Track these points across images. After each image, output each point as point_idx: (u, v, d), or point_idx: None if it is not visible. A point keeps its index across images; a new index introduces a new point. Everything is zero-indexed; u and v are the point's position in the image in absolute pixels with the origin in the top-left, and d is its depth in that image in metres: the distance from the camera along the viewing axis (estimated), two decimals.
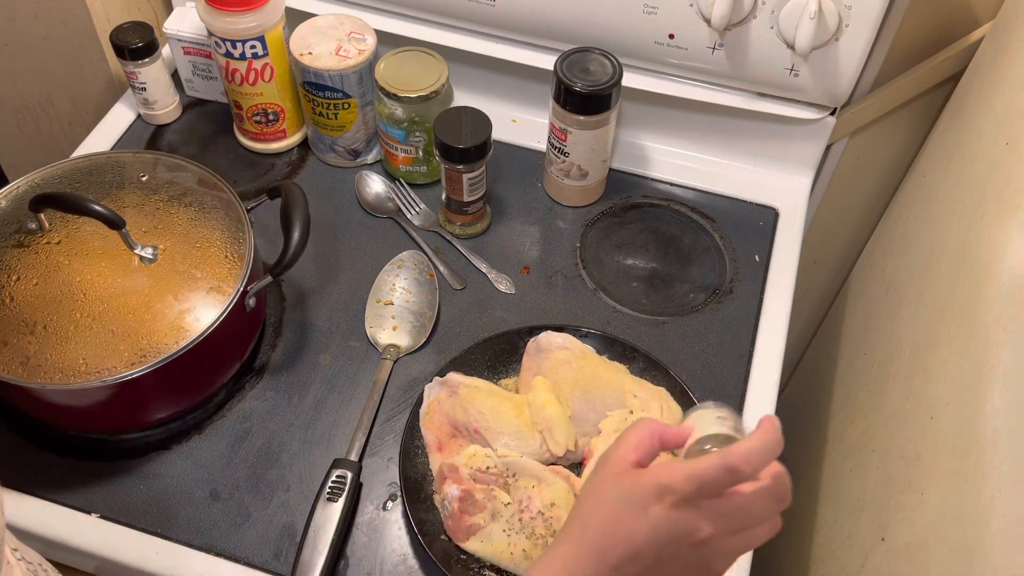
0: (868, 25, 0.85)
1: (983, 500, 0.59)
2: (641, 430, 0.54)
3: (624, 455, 0.52)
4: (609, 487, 0.52)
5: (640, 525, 0.49)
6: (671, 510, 0.49)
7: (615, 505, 0.51)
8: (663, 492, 0.49)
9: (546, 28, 0.96)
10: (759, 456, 0.49)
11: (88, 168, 0.83)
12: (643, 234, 0.97)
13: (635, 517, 0.50)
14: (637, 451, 0.53)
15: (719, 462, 0.48)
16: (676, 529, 0.49)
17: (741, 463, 0.48)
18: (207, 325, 0.74)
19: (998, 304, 0.66)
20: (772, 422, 0.50)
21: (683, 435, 0.54)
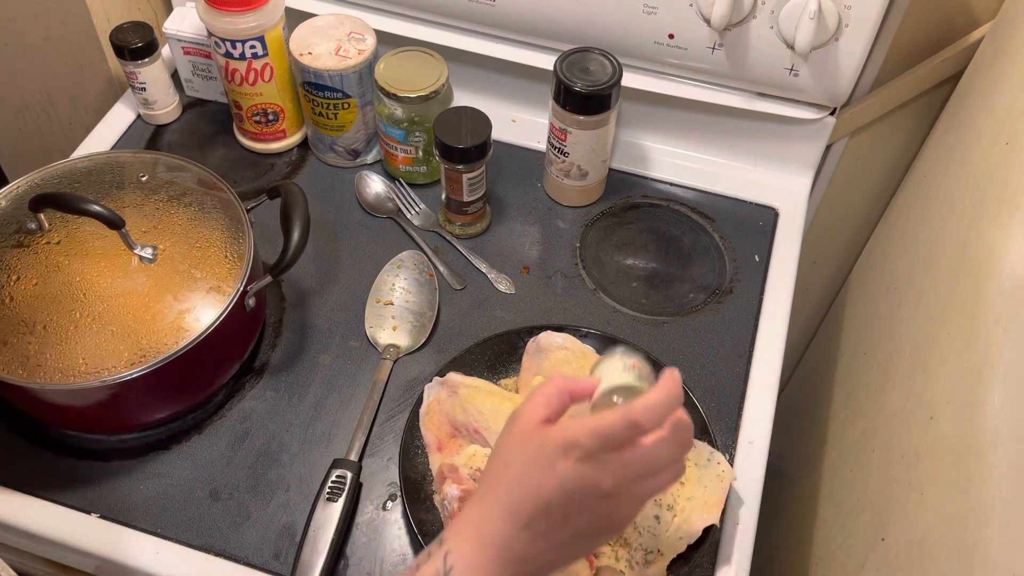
0: (868, 25, 0.85)
1: (983, 500, 0.59)
2: (549, 387, 0.55)
3: (533, 412, 0.54)
4: (518, 445, 0.53)
5: (548, 481, 0.51)
6: (577, 464, 0.50)
7: (523, 463, 0.52)
8: (569, 448, 0.51)
9: (546, 28, 0.96)
10: (659, 409, 0.51)
11: (88, 168, 0.83)
12: (643, 234, 0.97)
13: (543, 474, 0.51)
14: (547, 408, 0.54)
15: (621, 418, 0.50)
16: (582, 482, 0.50)
17: (642, 417, 0.50)
18: (207, 325, 0.74)
19: (998, 304, 0.66)
20: (673, 374, 0.52)
21: (591, 387, 0.55)
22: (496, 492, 0.53)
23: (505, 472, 0.53)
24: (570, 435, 0.51)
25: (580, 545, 0.54)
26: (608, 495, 0.51)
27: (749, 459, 0.80)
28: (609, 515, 0.52)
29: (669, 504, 0.72)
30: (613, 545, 0.71)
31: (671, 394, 0.51)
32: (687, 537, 0.72)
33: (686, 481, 0.74)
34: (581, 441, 0.50)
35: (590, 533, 0.53)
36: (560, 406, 0.55)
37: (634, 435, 0.51)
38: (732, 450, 0.81)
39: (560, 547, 0.52)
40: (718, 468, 0.74)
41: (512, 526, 0.52)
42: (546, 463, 0.51)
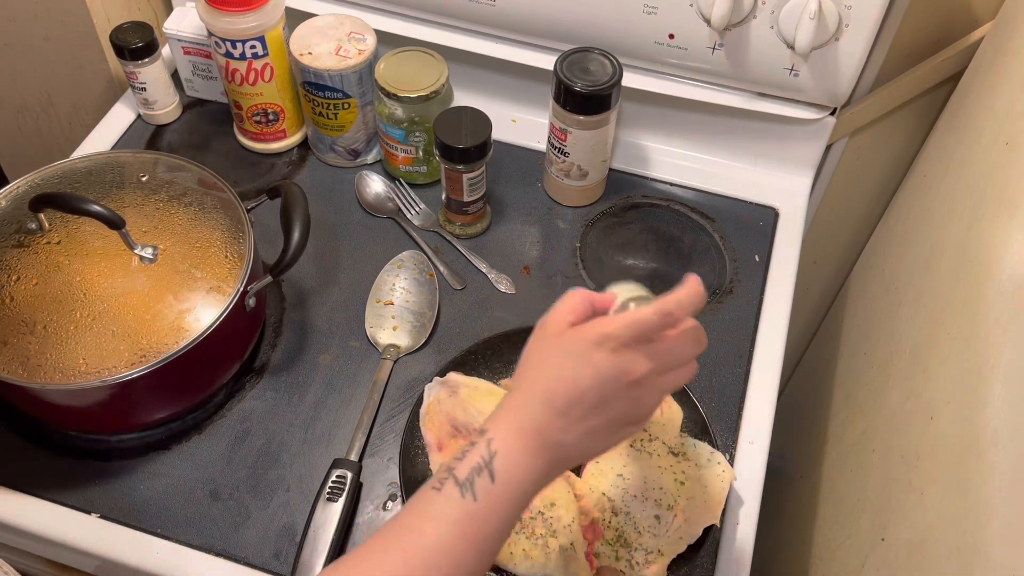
0: (868, 25, 0.85)
1: (983, 500, 0.59)
2: (575, 296, 0.59)
3: (562, 318, 0.58)
4: (552, 344, 0.57)
5: (585, 371, 0.55)
6: (612, 354, 0.55)
7: (559, 356, 0.56)
8: (604, 339, 0.55)
9: (546, 28, 0.96)
10: (689, 303, 0.56)
11: (88, 168, 0.83)
12: (643, 234, 0.97)
13: (579, 364, 0.55)
14: (573, 313, 0.58)
15: (656, 308, 0.55)
16: (617, 369, 0.54)
17: (674, 308, 0.55)
18: (207, 325, 0.74)
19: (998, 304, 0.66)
20: (695, 278, 0.57)
21: (610, 299, 0.60)
22: (533, 384, 0.56)
23: (541, 367, 0.57)
24: (606, 328, 0.55)
25: (610, 434, 0.57)
26: (638, 383, 0.55)
27: (749, 459, 0.80)
28: (637, 403, 0.56)
29: (669, 504, 0.72)
30: (613, 545, 0.71)
31: (697, 291, 0.56)
32: (687, 537, 0.72)
33: (686, 481, 0.74)
34: (617, 332, 0.55)
35: (619, 422, 0.56)
36: (585, 313, 0.59)
37: (665, 325, 0.55)
38: (732, 450, 0.81)
39: (592, 434, 0.56)
40: (718, 468, 0.74)
41: (549, 413, 0.55)
42: (582, 354, 0.55)
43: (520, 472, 0.54)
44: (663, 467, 0.74)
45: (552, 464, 0.56)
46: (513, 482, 0.54)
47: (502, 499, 0.54)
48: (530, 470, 0.55)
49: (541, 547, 0.70)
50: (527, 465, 0.54)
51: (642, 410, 0.57)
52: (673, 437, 0.76)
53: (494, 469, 0.54)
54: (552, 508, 0.71)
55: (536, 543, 0.70)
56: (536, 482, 0.55)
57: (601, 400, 0.55)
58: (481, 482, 0.53)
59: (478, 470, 0.54)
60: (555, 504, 0.71)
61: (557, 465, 0.56)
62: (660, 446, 0.75)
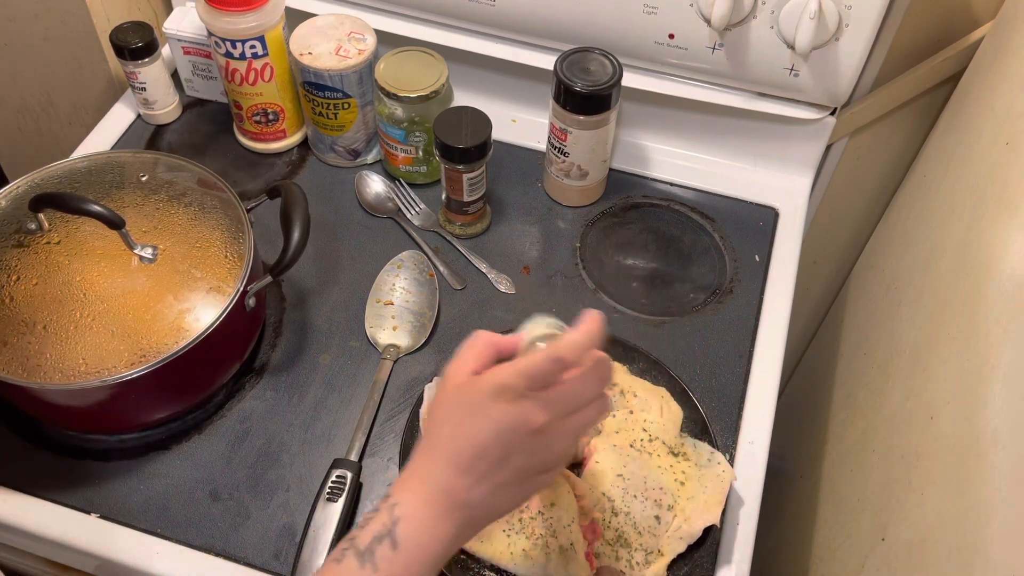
0: (868, 25, 0.85)
1: (983, 500, 0.59)
2: (477, 342, 0.58)
3: (462, 367, 0.57)
4: (452, 398, 0.56)
5: (483, 425, 0.53)
6: (509, 404, 0.53)
7: (459, 413, 0.55)
8: (500, 390, 0.53)
9: (546, 28, 0.96)
10: (581, 345, 0.54)
11: (88, 168, 0.83)
12: (643, 234, 0.97)
13: (477, 418, 0.54)
14: (476, 362, 0.57)
15: (545, 355, 0.54)
16: (515, 421, 0.53)
17: (566, 352, 0.54)
18: (207, 325, 0.74)
19: (998, 304, 0.66)
20: (593, 315, 0.56)
21: (515, 342, 0.59)
22: (436, 444, 0.55)
23: (443, 425, 0.55)
24: (499, 378, 0.54)
25: (521, 486, 0.56)
26: (540, 431, 0.54)
27: (749, 459, 0.80)
28: (544, 451, 0.55)
29: (669, 504, 0.72)
30: (613, 545, 0.71)
31: (592, 331, 0.55)
32: (687, 537, 0.72)
33: (686, 481, 0.74)
34: (510, 382, 0.53)
35: (528, 472, 0.55)
36: (488, 360, 0.57)
37: (559, 370, 0.54)
38: (732, 450, 0.81)
39: (502, 489, 0.55)
40: (718, 468, 0.74)
41: (454, 473, 0.54)
42: (480, 408, 0.54)
43: (426, 537, 0.53)
44: (663, 467, 0.74)
45: (461, 526, 0.54)
46: (418, 548, 0.52)
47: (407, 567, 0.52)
48: (437, 534, 0.53)
49: (541, 547, 0.70)
50: (433, 529, 0.53)
51: (551, 457, 0.56)
52: (673, 437, 0.76)
53: (396, 536, 0.52)
54: (552, 508, 0.71)
55: (536, 543, 0.70)
56: (445, 546, 0.54)
57: (504, 453, 0.53)
58: (382, 551, 0.52)
59: (379, 539, 0.52)
60: (555, 504, 0.71)
61: (467, 526, 0.55)
62: (660, 446, 0.75)
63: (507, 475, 0.54)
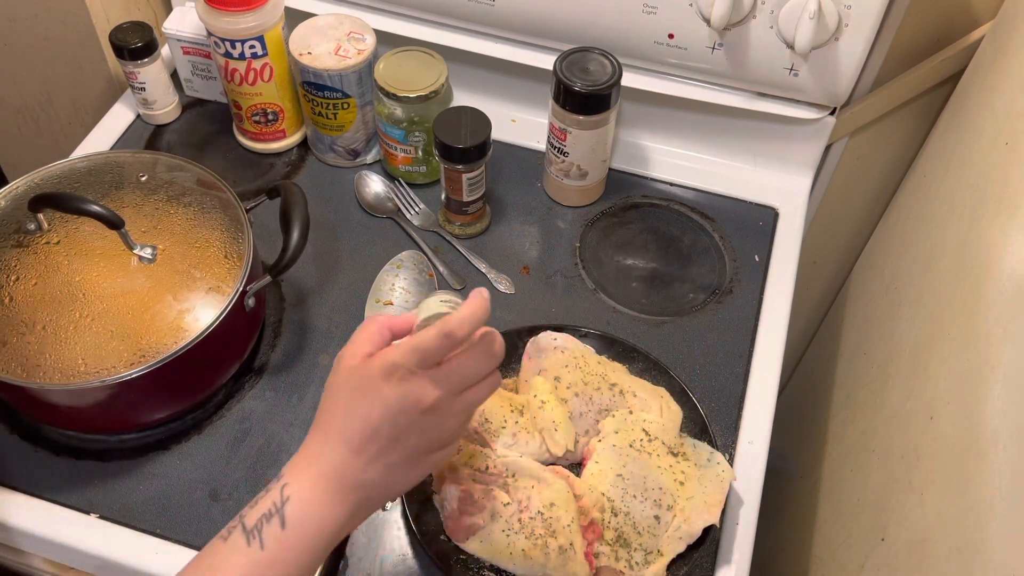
0: (868, 25, 0.85)
1: (983, 500, 0.59)
2: (371, 324, 0.58)
3: (357, 350, 0.57)
4: (345, 379, 0.56)
5: (375, 404, 0.54)
6: (399, 383, 0.53)
7: (350, 393, 0.55)
8: (391, 370, 0.53)
9: (546, 28, 0.96)
10: (470, 321, 0.54)
11: (87, 168, 0.83)
12: (643, 234, 0.97)
13: (368, 398, 0.54)
14: (369, 343, 0.57)
15: (436, 331, 0.53)
16: (406, 399, 0.53)
17: (455, 328, 0.53)
18: (206, 325, 0.74)
19: (998, 304, 0.66)
20: (481, 292, 0.55)
21: (409, 322, 0.58)
22: (328, 425, 0.55)
23: (335, 406, 0.55)
24: (390, 357, 0.54)
25: (415, 465, 0.56)
26: (431, 409, 0.54)
27: (749, 459, 0.80)
28: (435, 430, 0.55)
29: (669, 504, 0.72)
30: (613, 545, 0.71)
31: (480, 308, 0.54)
32: (687, 537, 0.72)
33: (686, 481, 0.74)
34: (400, 360, 0.53)
35: (420, 451, 0.55)
36: (382, 342, 0.57)
37: (449, 347, 0.54)
38: (732, 450, 0.81)
39: (395, 468, 0.55)
40: (718, 468, 0.74)
41: (346, 453, 0.54)
42: (372, 388, 0.54)
43: (316, 517, 0.53)
44: (663, 467, 0.74)
45: (356, 506, 0.54)
46: (307, 527, 0.52)
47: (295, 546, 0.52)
48: (328, 515, 0.53)
49: (540, 547, 0.70)
50: (324, 510, 0.53)
51: (444, 435, 0.56)
52: (673, 437, 0.76)
53: (285, 515, 0.52)
54: (552, 508, 0.71)
55: (536, 543, 0.70)
56: (338, 525, 0.54)
57: (396, 433, 0.54)
58: (270, 529, 0.52)
59: (267, 516, 0.52)
60: (555, 504, 0.71)
61: (361, 506, 0.55)
62: (660, 446, 0.75)
63: (400, 454, 0.54)
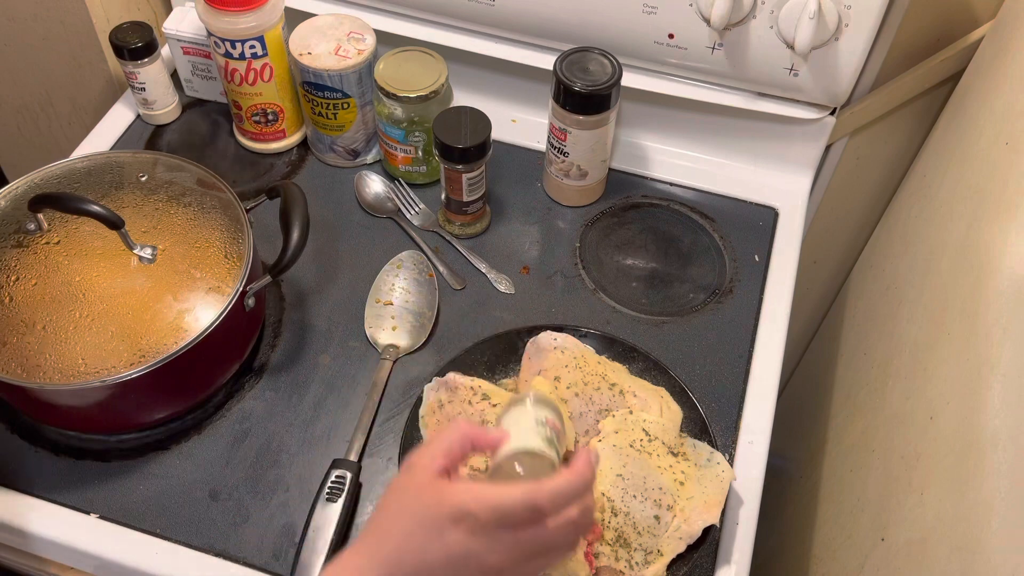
0: (868, 25, 0.85)
1: (983, 500, 0.59)
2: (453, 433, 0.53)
3: (431, 463, 0.52)
4: (411, 499, 0.51)
5: (434, 545, 0.49)
6: (467, 535, 0.49)
7: (411, 520, 0.50)
8: (462, 516, 0.49)
9: (546, 28, 0.95)
10: (566, 498, 0.49)
11: (87, 168, 0.83)
12: (643, 234, 0.97)
13: (430, 536, 0.49)
14: (446, 457, 0.52)
15: (524, 500, 0.48)
16: (469, 555, 0.49)
17: (547, 504, 0.48)
18: (206, 325, 0.74)
19: (998, 304, 0.66)
20: (587, 459, 0.50)
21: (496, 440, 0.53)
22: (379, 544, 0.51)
23: (392, 525, 0.51)
24: (465, 503, 0.49)
25: None
26: (492, 569, 0.50)
27: (749, 459, 0.80)
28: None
29: (669, 504, 0.72)
30: (613, 545, 0.71)
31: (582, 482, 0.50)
32: (687, 537, 0.72)
33: (686, 481, 0.74)
34: (476, 513, 0.49)
35: None
36: (460, 455, 0.53)
37: (534, 520, 0.49)
38: (732, 450, 0.81)
39: None
40: (718, 468, 0.74)
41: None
42: (435, 527, 0.49)
43: None
44: (663, 467, 0.74)
45: None
46: None
47: None
48: None
49: None
50: None
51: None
52: (673, 437, 0.76)
53: None
54: None
55: None
56: None
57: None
58: None
59: None
60: None
61: None
62: (660, 446, 0.75)
63: None
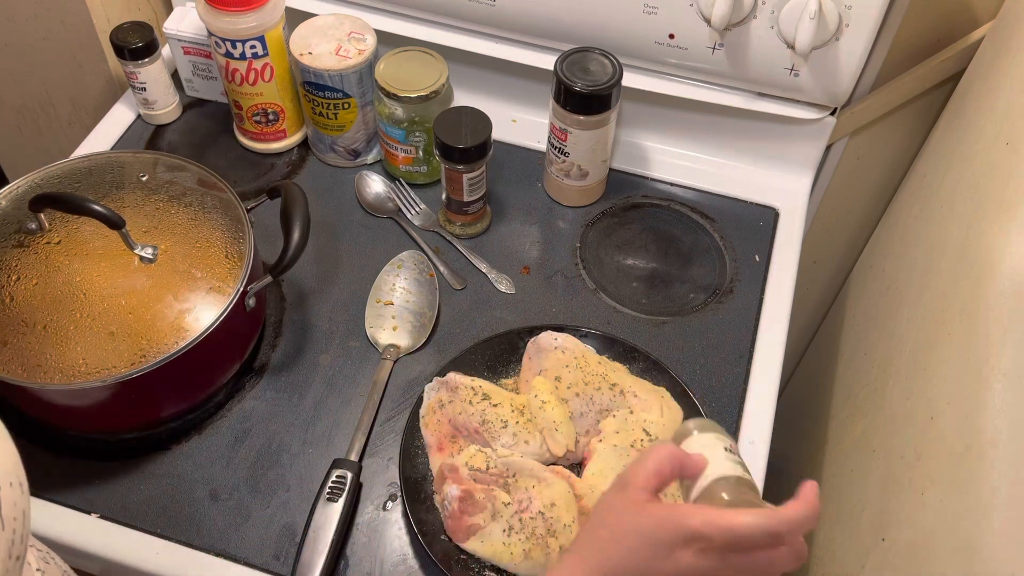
0: (868, 25, 0.85)
1: (983, 500, 0.59)
2: (661, 455, 0.53)
3: (645, 483, 0.52)
4: (632, 518, 0.51)
5: (663, 565, 0.49)
6: (697, 556, 0.49)
7: (637, 540, 0.50)
8: (693, 537, 0.49)
9: (546, 28, 0.96)
10: (803, 525, 0.49)
11: (88, 168, 0.83)
12: (643, 234, 0.97)
13: (658, 557, 0.49)
14: (658, 477, 0.52)
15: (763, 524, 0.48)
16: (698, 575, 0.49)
17: (785, 530, 0.48)
18: (207, 325, 0.74)
19: (998, 304, 0.66)
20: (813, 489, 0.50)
21: (699, 466, 0.54)
22: (601, 562, 0.51)
23: (614, 542, 0.51)
24: (697, 525, 0.49)
25: None
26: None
27: (749, 459, 0.80)
28: None
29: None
30: None
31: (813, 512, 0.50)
32: None
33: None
34: (710, 535, 0.49)
35: None
36: (671, 477, 0.53)
37: (769, 544, 0.49)
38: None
39: None
40: None
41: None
42: (663, 546, 0.49)
43: None
44: None
45: None
46: None
47: None
48: None
49: (541, 547, 0.70)
50: None
51: None
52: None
53: None
54: (552, 508, 0.71)
55: (536, 543, 0.70)
56: None
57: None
58: None
59: None
60: (555, 504, 0.71)
61: None
62: None
63: None
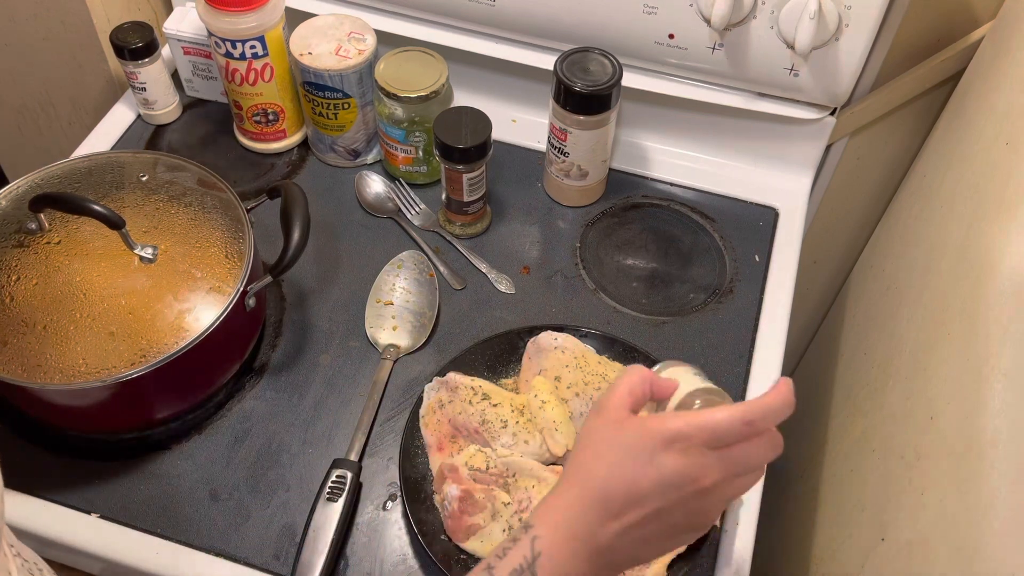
0: (868, 25, 0.85)
1: (983, 500, 0.59)
2: (634, 376, 0.54)
3: (621, 401, 0.53)
4: (611, 435, 0.52)
5: (646, 471, 0.50)
6: (680, 456, 0.50)
7: (618, 452, 0.51)
8: (674, 438, 0.50)
9: (546, 28, 0.96)
10: (776, 413, 0.50)
11: (88, 168, 0.83)
12: (643, 234, 0.97)
13: (640, 464, 0.50)
14: (632, 397, 0.53)
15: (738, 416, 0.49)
16: (684, 475, 0.50)
17: (759, 418, 0.49)
18: (207, 325, 0.74)
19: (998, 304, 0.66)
20: (787, 383, 0.51)
21: (671, 386, 0.56)
22: (586, 480, 0.52)
23: (597, 460, 0.52)
24: (676, 427, 0.50)
25: (666, 541, 0.53)
26: (705, 491, 0.50)
27: None
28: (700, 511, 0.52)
29: None
30: None
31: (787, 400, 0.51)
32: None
33: None
34: (690, 434, 0.49)
35: (678, 529, 0.52)
36: (644, 397, 0.54)
37: (747, 434, 0.50)
38: None
39: (647, 541, 0.51)
40: None
41: (603, 515, 0.51)
42: (644, 454, 0.50)
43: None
44: None
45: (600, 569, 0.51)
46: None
47: None
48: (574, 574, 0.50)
49: None
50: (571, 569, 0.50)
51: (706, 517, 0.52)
52: None
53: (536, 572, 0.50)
54: None
55: None
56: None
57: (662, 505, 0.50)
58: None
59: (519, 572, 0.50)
60: None
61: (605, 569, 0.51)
62: None
63: (657, 527, 0.51)
